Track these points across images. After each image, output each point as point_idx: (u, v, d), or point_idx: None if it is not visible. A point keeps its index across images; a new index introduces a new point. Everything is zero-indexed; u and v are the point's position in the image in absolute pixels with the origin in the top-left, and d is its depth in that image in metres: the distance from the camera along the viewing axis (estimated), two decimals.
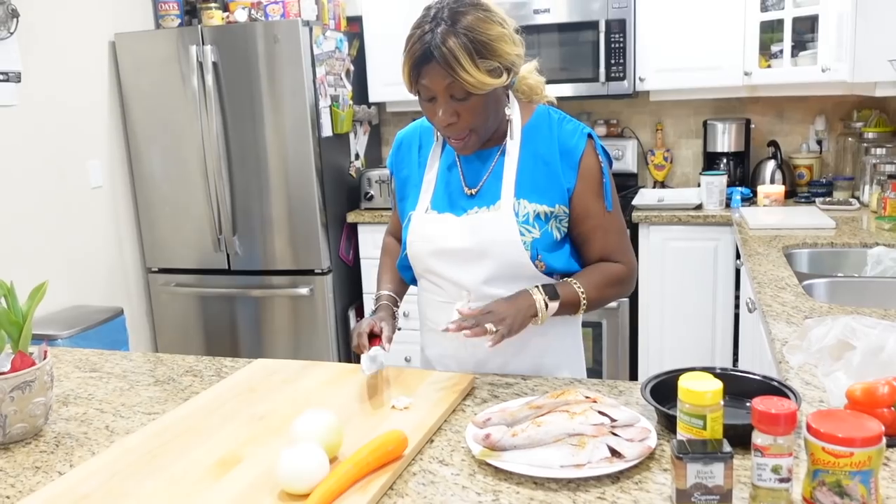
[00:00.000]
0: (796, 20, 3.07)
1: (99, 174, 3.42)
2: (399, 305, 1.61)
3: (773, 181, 3.46)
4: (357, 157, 3.83)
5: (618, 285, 1.49)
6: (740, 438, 1.02)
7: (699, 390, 1.01)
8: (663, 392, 1.20)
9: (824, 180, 3.45)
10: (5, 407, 1.24)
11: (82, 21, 3.32)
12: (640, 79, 3.40)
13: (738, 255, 3.06)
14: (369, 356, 1.40)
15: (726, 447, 0.94)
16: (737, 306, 3.19)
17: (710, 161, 3.60)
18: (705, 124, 3.60)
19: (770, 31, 3.27)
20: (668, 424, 1.16)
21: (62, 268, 3.22)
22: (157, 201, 3.58)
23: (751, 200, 3.39)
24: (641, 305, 3.35)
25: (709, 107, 3.70)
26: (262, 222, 3.47)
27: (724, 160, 3.55)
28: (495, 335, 1.30)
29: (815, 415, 0.92)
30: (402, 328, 1.59)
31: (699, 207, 3.32)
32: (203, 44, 3.34)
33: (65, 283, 3.23)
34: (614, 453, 1.06)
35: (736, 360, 3.20)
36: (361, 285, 3.76)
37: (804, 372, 1.36)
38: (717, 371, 1.22)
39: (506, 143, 1.45)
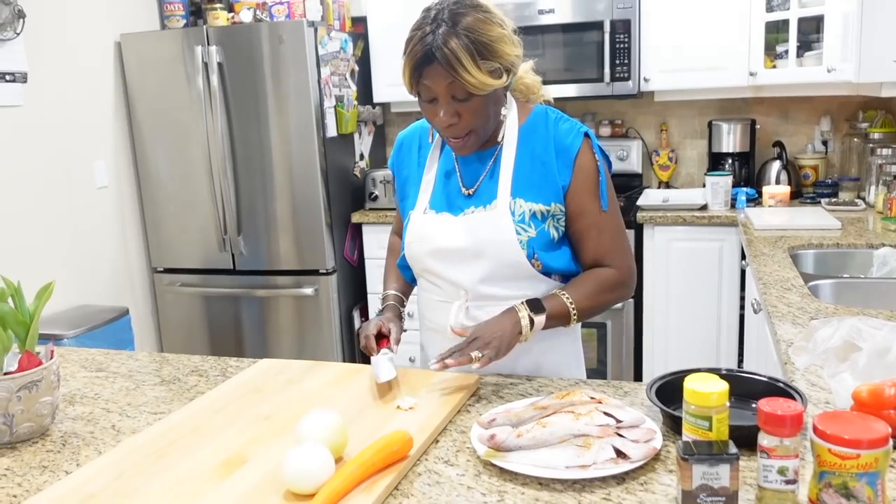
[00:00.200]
0: (802, 20, 3.06)
1: (104, 174, 3.43)
2: (405, 305, 1.62)
3: (778, 182, 3.45)
4: (361, 157, 3.83)
5: (611, 291, 1.46)
6: (746, 440, 1.02)
7: (705, 391, 1.00)
8: (668, 393, 1.20)
9: (830, 181, 3.45)
10: (12, 406, 1.24)
11: (88, 22, 3.33)
12: (645, 79, 3.40)
13: (743, 256, 3.05)
14: (383, 362, 1.40)
15: (732, 448, 0.94)
16: (742, 307, 3.18)
17: (715, 161, 3.59)
18: (710, 125, 3.59)
19: (775, 31, 3.26)
20: (673, 425, 1.16)
21: (68, 267, 3.23)
22: (162, 201, 3.59)
23: (756, 201, 3.38)
24: (646, 306, 3.34)
25: (714, 107, 3.69)
26: (267, 222, 3.48)
27: (730, 161, 3.55)
28: (481, 360, 1.31)
29: (821, 416, 0.92)
30: (407, 329, 1.59)
31: (704, 208, 3.31)
32: (208, 44, 3.35)
33: (71, 282, 3.24)
34: (620, 454, 1.06)
35: (741, 361, 3.19)
36: (366, 285, 3.76)
37: (810, 373, 1.36)
38: (723, 372, 1.22)
39: (502, 143, 1.46)
